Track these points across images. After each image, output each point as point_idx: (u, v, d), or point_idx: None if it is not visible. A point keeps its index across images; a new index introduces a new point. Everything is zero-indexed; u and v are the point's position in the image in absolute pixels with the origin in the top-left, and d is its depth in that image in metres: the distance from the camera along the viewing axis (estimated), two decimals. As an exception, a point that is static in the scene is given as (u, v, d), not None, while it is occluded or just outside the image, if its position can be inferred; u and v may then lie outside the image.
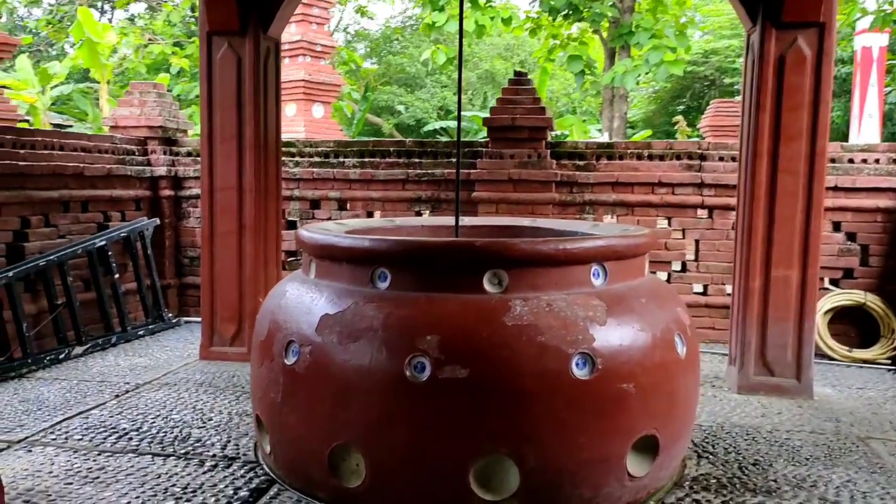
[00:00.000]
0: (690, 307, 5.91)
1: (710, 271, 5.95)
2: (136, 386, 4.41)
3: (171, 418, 3.78)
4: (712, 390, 4.53)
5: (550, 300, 2.70)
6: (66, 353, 5.08)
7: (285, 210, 6.66)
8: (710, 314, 5.94)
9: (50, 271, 5.17)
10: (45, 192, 5.34)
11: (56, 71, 17.60)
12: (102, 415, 3.83)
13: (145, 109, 6.77)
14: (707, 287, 5.97)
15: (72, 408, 3.96)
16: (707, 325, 5.93)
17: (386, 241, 2.83)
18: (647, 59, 13.69)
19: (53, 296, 5.22)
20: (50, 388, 4.34)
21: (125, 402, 4.06)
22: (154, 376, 4.64)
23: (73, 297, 5.30)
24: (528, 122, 5.96)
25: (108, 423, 3.69)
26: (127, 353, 5.30)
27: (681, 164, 5.92)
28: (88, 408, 3.96)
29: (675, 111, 24.80)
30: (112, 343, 5.54)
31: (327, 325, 2.77)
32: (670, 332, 2.86)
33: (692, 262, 5.99)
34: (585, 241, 2.84)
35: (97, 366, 4.92)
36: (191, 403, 4.05)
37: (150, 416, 3.82)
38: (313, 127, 14.26)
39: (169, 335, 5.97)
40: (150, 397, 4.17)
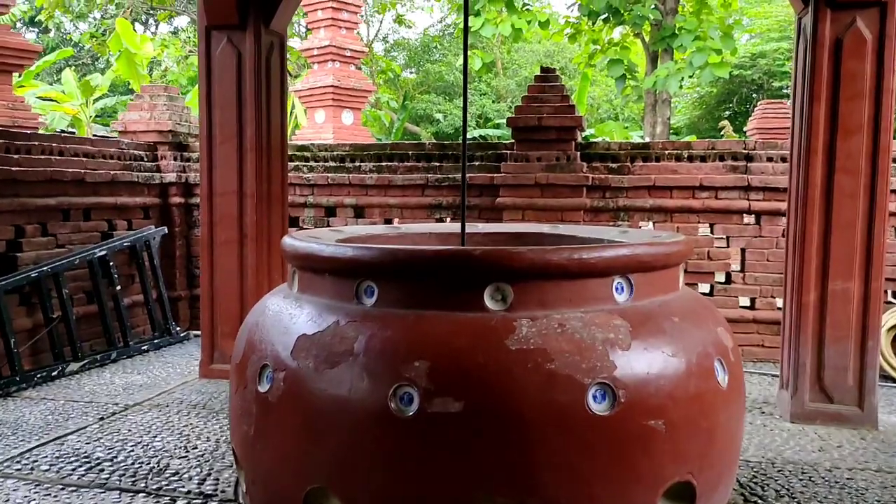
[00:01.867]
0: (736, 322, 5.47)
1: (758, 283, 5.46)
2: (124, 407, 4.11)
3: (151, 446, 3.46)
4: (762, 418, 4.06)
5: (563, 319, 2.30)
6: (59, 369, 4.82)
7: (299, 218, 6.36)
8: (759, 330, 5.45)
9: (45, 283, 4.92)
10: (41, 199, 5.11)
11: (98, 83, 17.79)
12: (79, 441, 3.53)
13: (155, 113, 6.54)
14: (755, 300, 5.48)
15: (49, 432, 3.67)
16: (755, 343, 5.44)
17: (371, 251, 2.46)
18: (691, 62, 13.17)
19: (49, 309, 4.97)
20: (33, 410, 4.06)
21: (107, 427, 3.75)
22: (146, 396, 4.34)
23: (70, 311, 5.04)
24: (556, 122, 5.56)
25: (82, 452, 3.38)
26: (125, 370, 5.02)
27: (724, 165, 5.46)
28: (67, 432, 3.66)
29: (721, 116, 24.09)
30: (112, 359, 5.28)
31: (304, 347, 2.41)
32: (709, 357, 2.43)
33: (738, 272, 5.51)
34: (606, 249, 2.43)
35: (90, 384, 4.64)
36: (178, 429, 3.73)
37: (129, 442, 3.51)
38: (342, 134, 14.02)
39: (174, 350, 5.69)
40: (135, 421, 3.86)
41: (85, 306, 5.43)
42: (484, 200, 5.84)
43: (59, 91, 17.99)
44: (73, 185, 5.42)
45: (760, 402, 4.37)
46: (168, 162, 6.46)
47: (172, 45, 19.87)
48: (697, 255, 5.49)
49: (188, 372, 4.95)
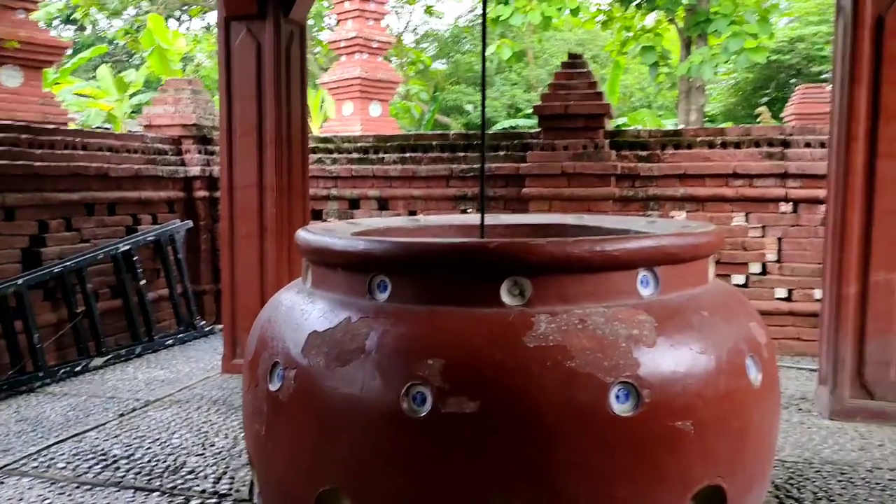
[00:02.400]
0: (772, 315, 5.29)
1: (795, 274, 5.28)
2: (144, 403, 4.09)
3: (169, 443, 3.42)
4: (799, 415, 3.91)
5: (584, 315, 2.19)
6: (83, 365, 4.82)
7: (323, 211, 6.31)
8: (796, 323, 5.27)
9: (69, 278, 4.93)
10: (64, 193, 5.11)
11: (132, 79, 18.02)
12: (98, 438, 3.51)
13: (179, 107, 6.53)
14: (792, 292, 5.30)
15: (69, 429, 3.66)
16: (792, 336, 5.26)
17: (383, 244, 2.37)
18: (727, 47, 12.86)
19: (73, 304, 4.98)
20: (55, 405, 4.06)
21: (127, 423, 3.73)
22: (168, 392, 4.32)
23: (93, 306, 5.05)
24: (584, 110, 5.42)
25: (100, 449, 3.36)
26: (149, 365, 5.02)
27: (760, 151, 5.27)
28: (86, 429, 3.65)
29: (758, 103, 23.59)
30: (136, 354, 5.28)
31: (315, 344, 2.34)
32: (740, 354, 2.31)
33: (774, 263, 5.33)
34: (630, 240, 2.31)
35: (113, 379, 4.64)
36: (197, 425, 3.69)
37: (147, 440, 3.48)
38: (370, 126, 13.96)
39: (198, 345, 5.68)
40: (155, 417, 3.83)
41: (110, 301, 5.44)
42: (509, 191, 5.73)
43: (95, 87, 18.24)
44: (97, 179, 5.42)
45: (798, 398, 4.21)
46: (192, 156, 6.45)
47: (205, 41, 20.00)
48: (731, 246, 5.32)
49: (210, 367, 4.92)
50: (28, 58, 9.09)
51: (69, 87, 18.02)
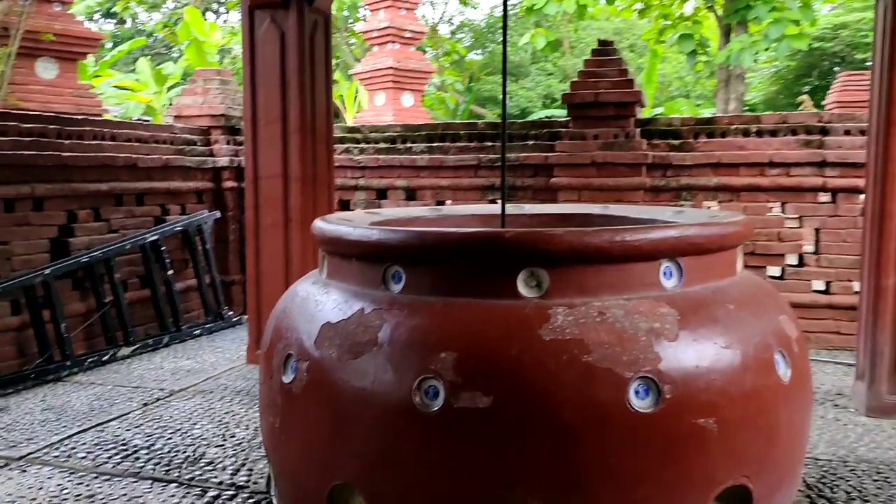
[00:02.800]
0: (809, 308, 5.14)
1: (833, 266, 5.12)
2: (169, 393, 4.10)
3: (190, 434, 3.42)
4: (834, 411, 3.78)
5: (603, 307, 2.12)
6: (110, 354, 4.86)
7: (350, 201, 6.28)
8: (834, 316, 5.11)
9: (97, 268, 4.97)
10: (93, 184, 5.15)
11: (170, 71, 18.23)
12: (120, 428, 3.53)
13: (208, 97, 6.56)
14: (829, 284, 5.14)
15: (92, 418, 3.68)
16: (830, 330, 5.11)
17: (397, 234, 2.32)
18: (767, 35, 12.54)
19: (101, 294, 5.02)
20: (80, 395, 4.09)
21: (150, 413, 3.75)
22: (192, 382, 4.33)
23: (121, 296, 5.08)
24: (614, 98, 5.31)
25: (121, 439, 3.37)
26: (175, 355, 5.05)
27: (797, 139, 5.11)
28: (109, 418, 3.67)
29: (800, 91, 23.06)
30: (163, 343, 5.31)
31: (327, 336, 2.30)
32: (768, 349, 2.21)
33: (811, 254, 5.17)
34: (652, 230, 2.23)
35: (139, 369, 4.67)
36: (219, 416, 3.69)
37: (168, 430, 3.48)
38: (402, 116, 13.92)
39: (225, 335, 5.70)
40: (178, 407, 3.84)
41: (138, 291, 5.49)
42: (538, 181, 5.64)
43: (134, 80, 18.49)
44: (126, 170, 5.46)
45: (833, 393, 4.08)
46: (221, 146, 6.46)
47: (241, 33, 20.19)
48: (767, 237, 5.17)
49: (236, 357, 4.93)
50: (63, 50, 9.20)
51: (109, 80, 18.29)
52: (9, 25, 8.53)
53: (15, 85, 8.80)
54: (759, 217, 5.18)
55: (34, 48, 8.84)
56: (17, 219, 4.64)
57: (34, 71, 9.15)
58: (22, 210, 4.67)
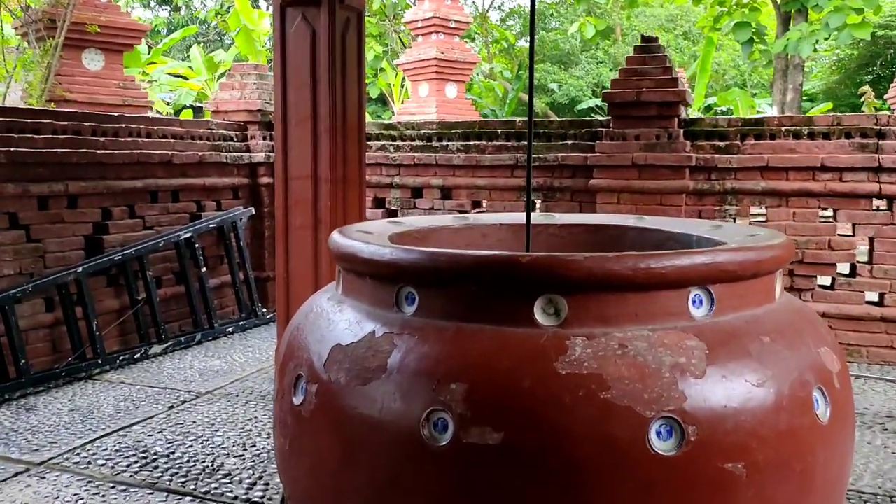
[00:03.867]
0: (860, 321, 4.90)
1: (888, 276, 4.87)
2: (195, 396, 4.10)
3: (211, 441, 3.40)
4: (882, 437, 3.58)
5: (625, 339, 2.00)
6: (142, 352, 4.89)
7: (385, 199, 6.22)
8: (888, 329, 4.87)
9: (130, 265, 5.00)
10: (128, 181, 5.18)
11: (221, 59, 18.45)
12: (143, 433, 3.52)
13: (245, 93, 6.54)
14: (884, 296, 4.90)
15: (117, 421, 3.69)
16: (883, 344, 4.87)
17: (411, 254, 2.22)
18: (828, 23, 12.10)
19: (135, 291, 5.05)
20: (108, 395, 4.12)
21: (174, 417, 3.74)
22: (220, 384, 4.32)
23: (154, 293, 5.11)
24: (657, 97, 5.13)
25: (143, 445, 3.36)
26: (207, 354, 5.06)
27: (851, 143, 4.86)
28: (134, 422, 3.67)
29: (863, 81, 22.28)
30: (196, 341, 5.33)
31: (337, 359, 2.22)
32: (806, 387, 2.07)
33: (864, 264, 4.93)
34: (680, 256, 2.09)
35: (169, 367, 4.69)
36: (241, 422, 3.67)
37: (190, 436, 3.47)
38: (446, 108, 13.82)
39: (258, 333, 5.70)
40: (203, 411, 3.83)
41: (172, 287, 5.51)
42: (577, 182, 5.49)
43: (187, 67, 18.75)
44: (161, 166, 5.47)
45: (883, 416, 3.87)
46: (257, 142, 6.45)
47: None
48: (817, 245, 4.95)
49: (265, 358, 4.92)
50: (109, 41, 9.33)
51: (162, 67, 18.58)
52: (55, 17, 8.67)
53: (61, 76, 8.95)
54: (810, 224, 4.96)
55: (80, 39, 8.97)
56: (52, 216, 4.69)
57: (80, 62, 9.29)
58: (56, 208, 4.71)
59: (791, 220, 4.99)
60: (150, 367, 4.69)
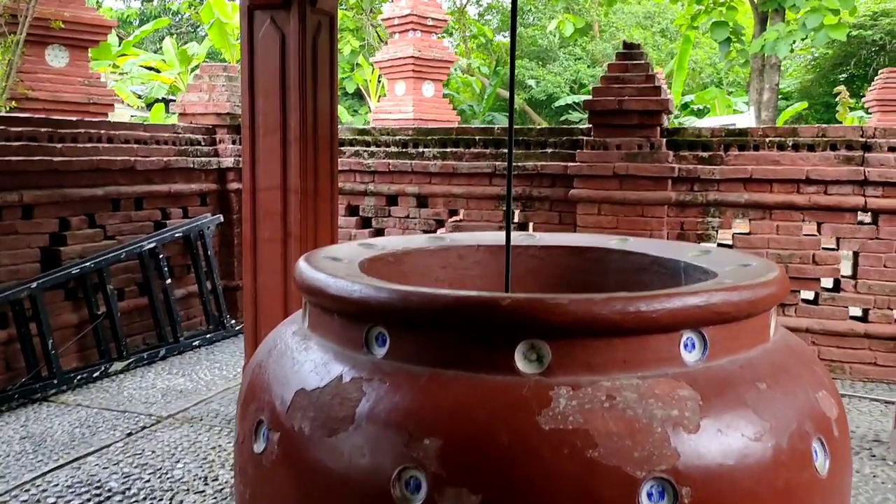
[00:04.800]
0: (844, 337, 4.82)
1: (872, 291, 4.79)
2: (156, 420, 3.91)
3: (170, 475, 3.22)
4: (871, 465, 3.49)
5: (613, 389, 1.85)
6: (101, 370, 4.68)
7: (359, 206, 6.05)
8: (871, 346, 4.79)
9: (89, 278, 4.78)
10: (87, 189, 4.96)
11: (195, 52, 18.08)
12: (98, 464, 3.33)
13: (213, 95, 6.33)
14: (868, 312, 4.82)
15: (71, 450, 3.50)
16: (867, 361, 4.79)
17: (381, 292, 2.06)
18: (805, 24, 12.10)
19: (95, 305, 4.84)
20: (63, 420, 3.91)
21: (132, 446, 3.55)
22: (183, 406, 4.14)
23: (115, 307, 4.90)
24: (639, 105, 5.00)
25: (97, 479, 3.18)
26: (171, 370, 4.86)
27: (837, 155, 4.78)
28: (89, 451, 3.48)
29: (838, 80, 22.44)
30: (160, 356, 5.12)
31: (301, 405, 2.05)
32: (805, 439, 1.94)
33: (848, 279, 4.85)
34: (672, 298, 1.95)
35: (130, 387, 4.49)
36: (204, 451, 3.49)
37: (148, 469, 3.28)
38: (423, 107, 13.66)
39: (226, 347, 5.51)
40: (163, 438, 3.64)
41: (136, 299, 5.30)
42: (556, 191, 5.36)
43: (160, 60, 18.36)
44: (123, 173, 5.25)
45: (870, 439, 3.78)
46: (226, 146, 6.25)
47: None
48: (800, 259, 4.86)
49: (233, 375, 4.73)
50: (73, 37, 9.05)
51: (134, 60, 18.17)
52: (17, 12, 8.37)
53: (24, 73, 8.65)
54: (793, 238, 4.87)
55: (43, 35, 8.69)
56: (4, 228, 4.46)
57: (44, 59, 8.99)
58: (9, 218, 4.49)
59: (775, 233, 4.90)
60: (109, 387, 4.48)
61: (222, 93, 6.33)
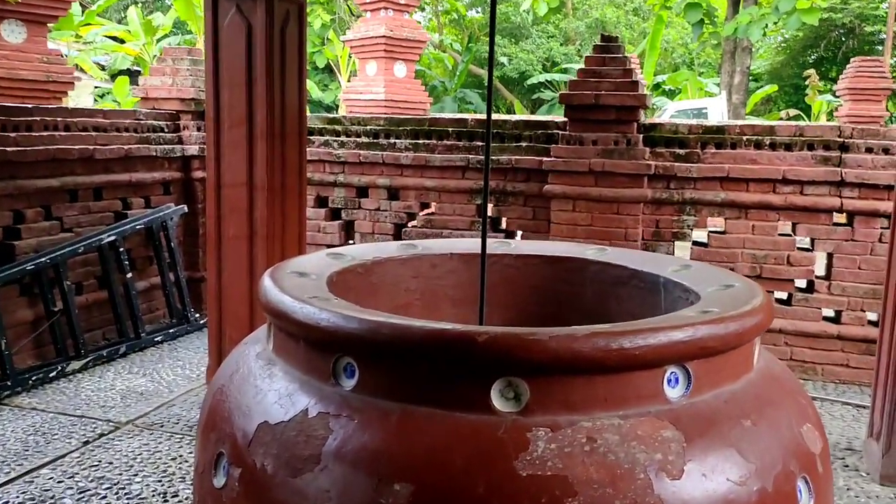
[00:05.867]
0: (817, 338, 4.81)
1: (846, 293, 4.78)
2: (114, 427, 3.77)
3: (127, 491, 3.09)
4: (844, 475, 3.47)
5: (593, 430, 1.77)
6: (58, 369, 4.51)
7: (329, 198, 5.90)
8: (844, 348, 4.79)
9: (46, 273, 4.59)
10: (42, 180, 4.76)
11: (160, 22, 17.58)
12: (52, 477, 3.19)
13: (177, 79, 6.11)
14: (840, 313, 4.81)
15: (24, 461, 3.35)
16: (839, 363, 4.79)
17: (350, 321, 1.94)
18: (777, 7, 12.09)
19: (52, 301, 4.65)
20: (17, 426, 3.76)
21: (88, 456, 3.41)
22: (143, 410, 4.00)
23: (72, 304, 4.72)
24: (616, 101, 4.90)
25: (50, 495, 3.04)
26: (132, 369, 4.71)
27: (814, 155, 4.74)
28: (43, 462, 3.34)
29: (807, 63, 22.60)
30: (120, 353, 4.96)
31: (263, 440, 1.94)
32: (790, 479, 1.87)
33: (822, 280, 4.84)
34: (657, 333, 1.86)
35: (89, 388, 4.34)
36: (164, 463, 3.36)
37: (104, 483, 3.15)
38: (394, 87, 13.43)
39: (189, 342, 5.36)
40: (121, 448, 3.51)
41: (95, 293, 5.12)
42: (530, 186, 5.26)
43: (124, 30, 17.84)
44: (81, 163, 5.04)
45: (843, 447, 3.77)
46: (191, 133, 6.04)
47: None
48: (775, 259, 4.83)
49: (196, 375, 4.59)
50: (31, 12, 8.70)
51: (97, 30, 17.64)
52: (-30, -14, 8.01)
53: (-22, 50, 8.31)
54: (769, 238, 4.83)
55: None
56: (-46, 222, 4.26)
57: (0, 35, 8.64)
58: (-41, 212, 4.29)
59: (750, 233, 4.86)
60: (66, 388, 4.32)
61: (186, 77, 6.11)
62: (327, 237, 5.89)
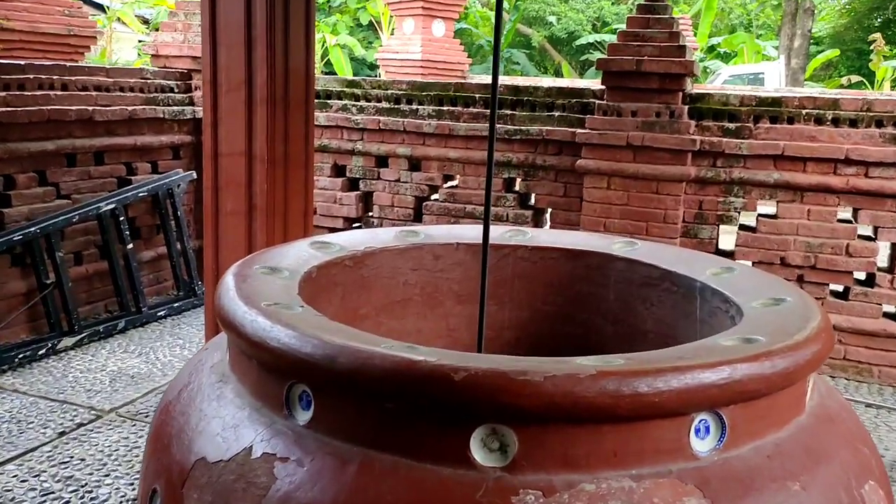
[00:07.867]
0: (876, 337, 4.37)
1: (910, 288, 4.32)
2: (95, 416, 3.54)
3: (95, 494, 2.84)
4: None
5: (598, 495, 1.44)
6: (49, 346, 4.30)
7: (346, 167, 5.57)
8: (905, 348, 4.34)
9: (38, 242, 4.36)
10: (36, 143, 4.51)
11: None
12: (17, 475, 2.97)
13: (189, 35, 5.80)
14: (904, 311, 4.36)
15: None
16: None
17: (304, 344, 1.62)
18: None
19: (45, 273, 4.43)
20: (-6, 410, 3.54)
21: (61, 450, 3.18)
22: (130, 397, 3.77)
23: (64, 275, 4.49)
24: (660, 67, 4.46)
25: (11, 496, 2.80)
26: (128, 347, 4.48)
27: (882, 133, 4.25)
28: (14, 454, 3.13)
29: (873, 26, 21.45)
30: (118, 329, 4.74)
31: (198, 482, 1.65)
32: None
33: (884, 273, 4.38)
34: (683, 373, 1.50)
35: (78, 368, 4.12)
36: (140, 460, 3.09)
37: (72, 484, 2.92)
38: (432, 47, 12.96)
39: (193, 318, 5.12)
40: (98, 442, 3.28)
41: (94, 264, 4.89)
42: (562, 160, 4.86)
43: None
44: (79, 124, 4.78)
45: (902, 465, 3.36)
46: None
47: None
48: (832, 249, 4.38)
49: (194, 356, 4.33)
50: (50, -38, 8.45)
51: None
52: (-12, -66, 7.78)
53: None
54: (826, 224, 4.38)
55: (21, -40, 8.11)
56: (-62, 188, 4.03)
57: (19, -14, 8.42)
58: (-57, 177, 4.05)
59: (805, 218, 4.41)
60: (54, 368, 4.11)
61: (199, 33, 5.78)
62: (343, 209, 5.58)
